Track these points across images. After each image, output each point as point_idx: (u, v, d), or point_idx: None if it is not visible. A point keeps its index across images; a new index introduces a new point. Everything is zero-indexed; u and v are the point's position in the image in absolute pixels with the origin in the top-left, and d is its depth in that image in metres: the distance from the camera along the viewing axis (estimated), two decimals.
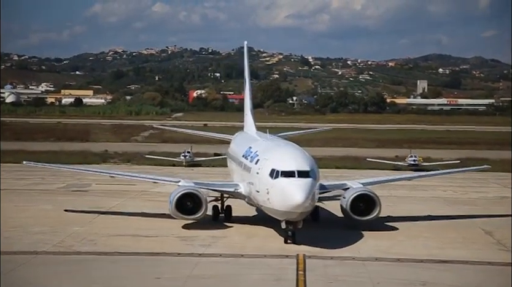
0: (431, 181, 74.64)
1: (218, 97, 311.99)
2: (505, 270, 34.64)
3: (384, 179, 53.71)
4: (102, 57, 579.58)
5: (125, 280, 31.51)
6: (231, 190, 45.00)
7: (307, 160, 39.31)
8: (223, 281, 31.45)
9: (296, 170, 37.54)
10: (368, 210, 42.42)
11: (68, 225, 44.04)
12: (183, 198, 42.10)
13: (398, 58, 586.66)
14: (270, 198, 38.01)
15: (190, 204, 42.15)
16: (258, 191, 39.81)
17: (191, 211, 42.08)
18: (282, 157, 39.65)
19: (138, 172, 71.52)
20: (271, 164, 38.79)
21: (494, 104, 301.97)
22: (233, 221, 44.81)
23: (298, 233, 38.33)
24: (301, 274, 32.06)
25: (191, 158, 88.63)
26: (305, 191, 36.60)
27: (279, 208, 37.45)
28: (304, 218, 37.67)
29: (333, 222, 45.82)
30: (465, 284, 31.66)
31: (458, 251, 38.45)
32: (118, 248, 37.91)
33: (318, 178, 39.05)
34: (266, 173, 38.40)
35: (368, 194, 42.88)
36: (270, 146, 45.58)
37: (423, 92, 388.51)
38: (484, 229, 45.37)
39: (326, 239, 39.75)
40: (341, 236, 40.98)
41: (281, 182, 37.43)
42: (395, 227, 44.89)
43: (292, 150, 42.13)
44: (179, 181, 45.51)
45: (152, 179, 51.96)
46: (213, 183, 47.58)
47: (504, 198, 61.05)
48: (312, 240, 38.29)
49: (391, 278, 31.99)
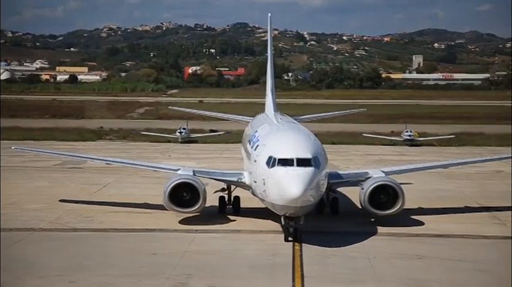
0: (428, 155, 74.93)
1: (214, 74, 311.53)
2: (500, 243, 34.80)
3: (412, 167, 46.77)
4: (97, 33, 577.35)
5: (122, 256, 31.55)
6: (234, 179, 39.64)
7: (310, 146, 34.59)
8: (219, 256, 31.51)
9: (295, 158, 32.84)
10: (390, 203, 37.12)
11: (65, 202, 44.01)
12: (179, 188, 37.44)
13: (394, 33, 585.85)
14: (266, 190, 33.61)
15: (186, 195, 37.57)
16: (255, 181, 35.47)
17: (188, 203, 37.42)
18: (280, 143, 35.26)
19: (135, 158, 71.74)
20: (268, 151, 34.43)
21: (489, 78, 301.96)
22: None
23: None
24: (297, 249, 32.13)
25: (187, 134, 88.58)
26: (303, 182, 31.81)
27: (275, 202, 32.99)
28: (306, 212, 33.00)
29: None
30: (460, 257, 31.75)
31: (453, 225, 38.54)
32: (114, 225, 37.96)
33: (323, 167, 34.11)
34: (263, 161, 33.95)
35: (390, 185, 37.38)
36: (273, 129, 41.45)
37: (418, 67, 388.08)
38: (479, 202, 45.49)
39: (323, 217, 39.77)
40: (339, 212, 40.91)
41: (277, 171, 32.81)
42: None
43: (294, 134, 37.76)
44: (178, 169, 40.30)
45: (151, 168, 45.23)
46: (215, 172, 42.39)
47: (500, 172, 61.18)
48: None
49: (387, 253, 32.10)
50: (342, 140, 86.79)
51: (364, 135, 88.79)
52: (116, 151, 77.69)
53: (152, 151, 78.57)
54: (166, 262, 30.27)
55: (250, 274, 28.84)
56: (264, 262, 30.27)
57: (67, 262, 30.44)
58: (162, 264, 30.01)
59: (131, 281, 27.63)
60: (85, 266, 29.77)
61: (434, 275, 28.88)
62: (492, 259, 31.55)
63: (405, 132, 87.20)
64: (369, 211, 37.38)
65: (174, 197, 37.22)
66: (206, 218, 38.24)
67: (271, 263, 30.05)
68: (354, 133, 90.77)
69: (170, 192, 37.21)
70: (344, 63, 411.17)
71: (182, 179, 37.89)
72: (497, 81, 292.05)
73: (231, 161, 66.10)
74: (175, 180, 37.70)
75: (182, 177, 38.23)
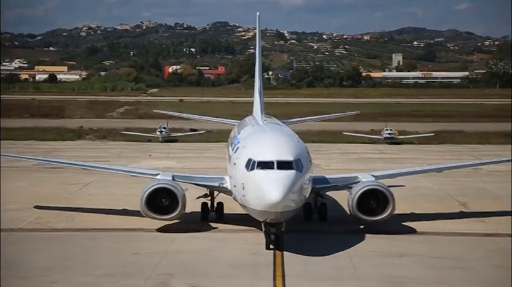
0: (409, 153, 75.42)
1: (194, 73, 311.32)
2: (480, 241, 35.09)
3: (404, 171, 43.81)
4: (76, 33, 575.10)
5: (102, 256, 31.48)
6: (216, 185, 37.50)
7: (293, 148, 32.67)
8: (200, 256, 31.51)
9: (275, 161, 30.89)
10: (380, 209, 35.27)
11: (44, 202, 43.83)
12: (157, 194, 35.57)
13: (373, 32, 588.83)
14: (246, 195, 31.69)
15: (165, 201, 35.63)
16: (235, 185, 33.49)
17: (166, 209, 35.51)
18: (260, 144, 33.43)
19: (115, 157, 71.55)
20: (247, 153, 32.54)
21: (468, 77, 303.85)
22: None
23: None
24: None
25: (167, 133, 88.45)
26: (284, 186, 29.90)
27: (255, 207, 31.07)
28: (287, 218, 31.15)
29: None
30: (440, 254, 31.97)
31: (434, 222, 38.76)
32: (95, 225, 37.84)
33: (307, 170, 32.39)
34: (242, 164, 32.04)
35: (380, 189, 35.51)
36: (255, 130, 39.48)
37: (398, 65, 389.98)
38: (459, 200, 45.81)
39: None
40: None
41: (257, 175, 30.92)
42: None
43: (275, 136, 35.99)
44: (158, 174, 38.30)
45: (130, 173, 43.06)
46: (196, 176, 39.60)
47: (478, 170, 61.54)
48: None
49: (368, 251, 32.21)
50: (322, 138, 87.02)
51: (345, 133, 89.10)
52: (96, 151, 77.48)
53: (132, 150, 78.38)
54: (147, 262, 30.23)
55: (232, 273, 28.86)
56: (246, 261, 30.30)
57: (48, 262, 30.32)
58: (143, 264, 29.97)
59: (112, 280, 27.57)
60: (66, 266, 29.68)
61: (415, 272, 29.05)
62: (472, 256, 31.78)
63: (385, 131, 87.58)
64: (358, 217, 35.51)
65: (151, 203, 35.41)
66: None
67: (252, 262, 30.09)
68: (335, 132, 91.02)
69: (148, 198, 35.37)
70: (325, 62, 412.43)
71: (160, 184, 36.03)
72: (476, 79, 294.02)
73: (212, 160, 66.12)
74: (152, 185, 35.85)
75: (159, 182, 36.33)
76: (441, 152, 77.82)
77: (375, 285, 27.26)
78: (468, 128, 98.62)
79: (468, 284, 27.61)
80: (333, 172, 57.19)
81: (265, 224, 31.45)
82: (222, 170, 37.63)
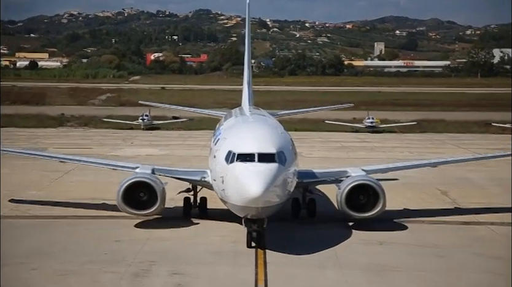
0: (390, 142, 75.81)
1: (176, 60, 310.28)
2: (460, 229, 35.35)
3: (395, 165, 41.45)
4: (57, 19, 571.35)
5: (84, 243, 31.44)
6: (198, 178, 35.65)
7: (275, 140, 31.03)
8: (182, 243, 31.53)
9: (256, 153, 29.29)
10: (370, 204, 33.65)
11: (25, 189, 43.69)
12: (135, 188, 33.82)
13: (356, 20, 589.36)
14: (225, 189, 30.10)
15: (143, 196, 33.86)
16: (215, 179, 31.81)
17: (145, 204, 33.77)
18: (241, 136, 31.84)
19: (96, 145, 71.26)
20: (228, 145, 30.91)
21: (450, 66, 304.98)
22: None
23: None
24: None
25: (150, 121, 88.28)
26: (265, 180, 28.29)
27: (234, 202, 29.55)
28: (269, 214, 29.59)
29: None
30: (421, 242, 32.20)
31: (414, 211, 38.94)
32: (76, 212, 37.77)
33: (291, 164, 30.81)
34: (222, 157, 30.37)
35: (370, 184, 33.82)
36: (237, 121, 37.90)
37: (380, 54, 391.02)
38: (440, 189, 46.10)
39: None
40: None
41: (236, 168, 29.31)
42: None
43: (258, 127, 34.52)
44: (137, 167, 36.58)
45: (108, 166, 40.35)
46: (177, 170, 37.86)
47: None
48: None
49: (350, 239, 32.30)
50: (305, 127, 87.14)
51: (327, 122, 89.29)
52: (77, 138, 77.19)
53: (114, 138, 78.17)
54: (128, 249, 30.23)
55: (213, 260, 28.91)
56: (228, 249, 30.34)
57: (29, 249, 30.23)
58: (125, 251, 29.97)
59: (94, 267, 27.54)
60: (48, 253, 29.62)
61: (394, 260, 29.24)
62: (452, 245, 32.03)
63: (367, 119, 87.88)
64: (346, 214, 33.82)
65: (129, 198, 33.64)
66: (171, 203, 36.73)
67: (234, 249, 30.13)
68: (317, 120, 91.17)
69: (125, 193, 33.59)
70: (307, 50, 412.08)
71: (138, 178, 34.27)
72: (457, 68, 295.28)
73: (194, 148, 66.12)
74: (129, 179, 34.07)
75: (137, 176, 34.60)
76: (423, 141, 78.30)
77: (355, 273, 27.41)
78: (449, 117, 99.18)
79: (447, 272, 27.81)
80: (316, 160, 57.55)
81: (246, 220, 29.78)
82: (205, 157, 37.40)
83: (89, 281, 26.07)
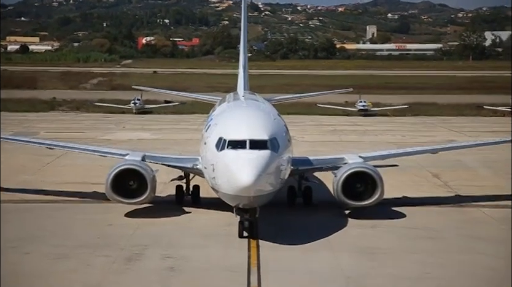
0: (383, 125, 75.98)
1: (168, 44, 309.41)
2: (451, 211, 35.48)
3: (394, 152, 40.77)
4: (48, 3, 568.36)
5: (76, 227, 31.46)
6: (189, 166, 34.64)
7: (268, 126, 29.96)
8: (175, 227, 31.57)
9: (248, 139, 28.22)
10: (368, 193, 32.62)
11: (17, 174, 43.63)
12: (125, 176, 32.72)
13: (348, 3, 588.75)
14: (216, 178, 28.98)
15: (133, 184, 32.80)
16: (205, 167, 30.75)
17: (135, 192, 32.72)
18: (233, 122, 30.74)
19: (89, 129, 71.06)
20: (218, 131, 29.84)
21: (442, 49, 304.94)
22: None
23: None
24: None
25: (141, 105, 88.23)
26: (257, 168, 27.25)
27: (225, 191, 28.47)
28: (262, 204, 28.61)
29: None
30: (413, 225, 32.31)
31: (407, 193, 39.04)
32: (68, 196, 37.73)
33: (284, 151, 29.76)
34: (213, 144, 29.29)
35: (367, 172, 32.75)
36: (229, 107, 36.66)
37: (372, 37, 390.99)
38: (432, 171, 46.21)
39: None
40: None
41: (227, 155, 28.23)
42: None
43: (250, 112, 33.59)
44: (127, 154, 35.53)
45: (97, 153, 39.03)
46: (169, 157, 36.92)
47: (452, 142, 62.04)
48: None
49: (342, 222, 32.38)
50: (297, 110, 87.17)
51: (319, 105, 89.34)
52: (69, 122, 77.11)
53: (106, 122, 78.09)
54: (121, 233, 30.26)
55: (206, 243, 28.96)
56: (221, 232, 30.35)
57: (21, 233, 30.22)
58: (117, 235, 29.99)
59: (86, 252, 27.55)
60: (40, 237, 29.62)
61: (386, 242, 29.35)
62: (443, 226, 32.17)
63: (359, 103, 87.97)
64: (343, 202, 32.88)
65: (118, 186, 32.57)
66: (162, 187, 36.67)
67: (227, 233, 30.14)
68: (309, 104, 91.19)
69: (113, 181, 32.48)
70: (299, 34, 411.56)
71: (127, 165, 33.18)
72: (449, 51, 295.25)
73: (186, 132, 66.10)
74: (118, 166, 33.01)
75: (126, 163, 33.53)
76: (415, 124, 78.52)
77: (347, 255, 27.50)
78: (441, 100, 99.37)
79: (439, 253, 27.93)
80: (308, 144, 57.65)
81: (237, 210, 28.82)
82: (197, 141, 37.28)
83: (82, 264, 26.07)
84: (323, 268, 25.89)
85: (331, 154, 40.78)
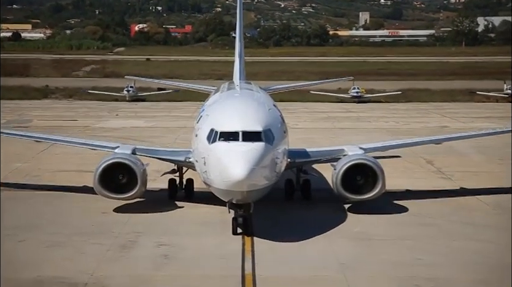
0: (376, 112, 76.05)
1: (161, 31, 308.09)
2: (445, 197, 35.50)
3: (396, 143, 39.82)
4: None
5: (71, 215, 31.50)
6: (182, 159, 33.00)
7: (263, 116, 28.61)
8: (170, 215, 31.64)
9: (240, 131, 26.87)
10: (369, 186, 31.39)
11: (10, 162, 43.53)
12: (114, 170, 31.38)
13: None
14: (208, 171, 27.64)
15: (122, 178, 31.45)
16: (197, 160, 29.44)
17: (125, 187, 31.41)
18: (225, 113, 29.39)
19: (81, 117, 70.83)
20: (210, 122, 28.49)
21: (435, 35, 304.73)
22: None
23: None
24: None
25: (135, 93, 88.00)
26: (250, 161, 25.90)
27: (217, 186, 27.19)
28: (256, 199, 27.18)
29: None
30: (407, 212, 32.42)
31: (400, 180, 39.05)
32: (63, 184, 37.71)
33: (280, 142, 28.50)
34: (204, 136, 27.95)
35: (367, 164, 31.48)
36: (222, 97, 34.96)
37: (365, 24, 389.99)
38: (425, 158, 46.27)
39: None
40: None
41: (219, 148, 26.89)
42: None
43: (244, 102, 32.26)
44: (117, 147, 34.10)
45: (86, 146, 38.06)
46: (160, 150, 35.74)
47: (445, 128, 62.26)
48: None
49: (336, 210, 32.31)
50: (290, 97, 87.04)
51: (312, 92, 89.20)
52: (62, 110, 76.94)
53: (99, 109, 77.96)
54: (115, 221, 30.32)
55: (201, 231, 29.02)
56: (216, 220, 30.29)
57: (16, 221, 30.25)
58: (112, 223, 30.05)
59: (80, 239, 27.61)
60: (34, 225, 29.66)
61: (382, 229, 29.46)
62: (439, 213, 32.26)
63: (352, 89, 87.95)
64: (342, 196, 31.58)
65: (107, 181, 31.25)
66: (156, 174, 36.00)
67: (222, 221, 30.04)
68: (302, 91, 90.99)
69: (102, 175, 31.16)
70: (292, 20, 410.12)
71: (116, 159, 31.81)
72: (442, 37, 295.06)
73: (180, 119, 66.05)
74: (106, 160, 31.66)
75: (115, 157, 32.17)
76: (408, 110, 78.64)
77: (342, 241, 27.60)
78: (434, 86, 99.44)
79: (434, 240, 28.06)
80: (302, 131, 57.65)
81: (230, 205, 27.54)
82: (190, 129, 37.15)
83: (76, 252, 26.13)
84: (318, 254, 25.95)
85: (326, 143, 40.43)
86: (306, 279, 23.64)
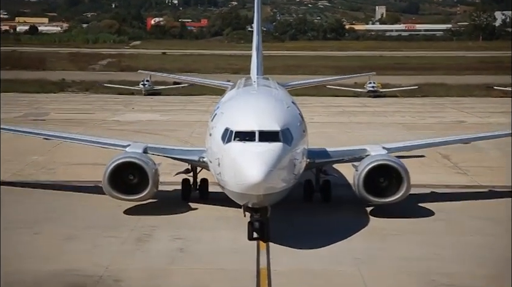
0: (392, 107, 75.79)
1: (177, 25, 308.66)
2: (461, 192, 35.44)
3: (420, 143, 37.56)
4: None
5: (86, 208, 31.60)
6: (196, 158, 31.32)
7: (280, 115, 27.02)
8: (185, 209, 31.62)
9: (257, 131, 25.36)
10: (394, 188, 29.63)
11: (27, 155, 43.76)
12: (124, 170, 30.03)
13: None
14: (222, 173, 26.20)
15: (133, 178, 30.12)
16: (210, 161, 28.17)
17: (135, 188, 30.04)
18: (240, 111, 28.01)
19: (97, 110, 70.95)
20: (225, 121, 27.00)
21: (451, 29, 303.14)
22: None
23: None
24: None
25: (151, 86, 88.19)
26: (267, 163, 24.40)
27: (232, 188, 25.67)
28: (273, 202, 25.75)
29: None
30: (421, 206, 32.27)
31: (416, 175, 38.54)
32: (78, 177, 37.85)
33: (299, 142, 26.94)
34: (219, 135, 26.46)
35: (391, 165, 29.70)
36: (238, 94, 33.42)
37: (381, 18, 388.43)
38: (441, 153, 46.02)
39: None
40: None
41: (234, 148, 25.44)
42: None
43: (260, 100, 30.36)
44: (128, 146, 32.77)
45: (97, 144, 36.38)
46: (174, 149, 34.05)
47: (462, 123, 62.00)
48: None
49: (349, 203, 32.13)
50: (306, 91, 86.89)
51: (328, 86, 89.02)
52: (78, 103, 77.25)
53: (115, 103, 78.21)
54: (131, 214, 30.36)
55: (216, 225, 29.02)
56: (232, 215, 30.13)
57: (31, 214, 30.41)
58: (127, 216, 30.10)
59: (96, 232, 27.70)
60: (50, 218, 29.79)
61: (394, 223, 29.32)
62: (452, 207, 32.13)
63: (368, 84, 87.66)
64: (365, 199, 29.88)
65: (117, 181, 29.91)
66: (171, 167, 35.22)
67: (238, 216, 29.95)
68: (318, 85, 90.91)
69: (111, 175, 29.79)
70: (308, 14, 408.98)
71: (126, 158, 30.38)
72: (459, 31, 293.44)
73: (196, 113, 66.12)
74: (116, 160, 30.25)
75: (126, 156, 30.79)
76: (424, 105, 78.31)
77: (355, 236, 27.53)
78: (451, 81, 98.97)
79: (446, 235, 27.97)
80: (317, 125, 57.46)
81: (246, 209, 26.09)
82: (206, 123, 37.03)
83: (92, 245, 26.23)
84: (334, 249, 25.90)
85: (342, 138, 40.07)
86: (321, 274, 23.59)
